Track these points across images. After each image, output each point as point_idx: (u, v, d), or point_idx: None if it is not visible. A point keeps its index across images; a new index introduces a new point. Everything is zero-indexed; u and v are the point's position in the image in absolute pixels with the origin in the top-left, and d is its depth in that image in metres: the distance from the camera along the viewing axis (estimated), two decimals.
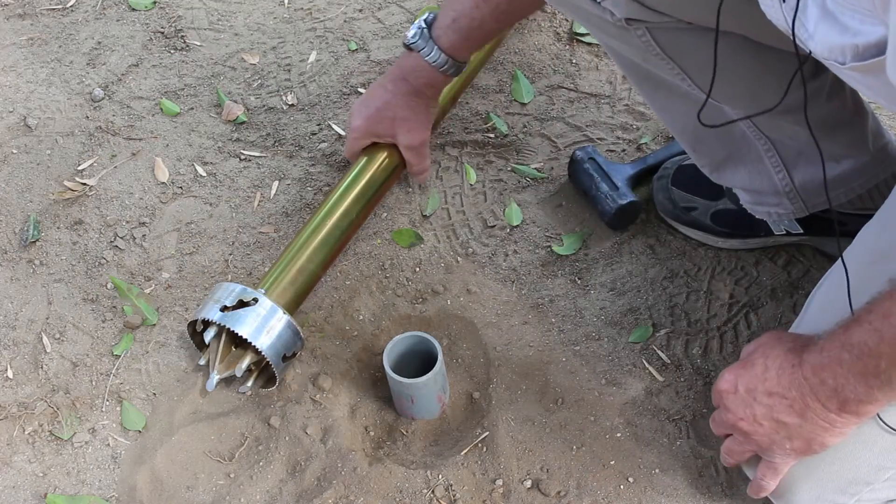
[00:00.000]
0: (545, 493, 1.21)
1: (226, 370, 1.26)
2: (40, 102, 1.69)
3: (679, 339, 1.34)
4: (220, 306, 1.24)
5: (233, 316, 1.23)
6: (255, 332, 1.22)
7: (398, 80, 1.35)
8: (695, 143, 1.32)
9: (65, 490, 1.26)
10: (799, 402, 0.94)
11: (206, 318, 1.25)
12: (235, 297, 1.25)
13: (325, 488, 1.22)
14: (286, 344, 1.25)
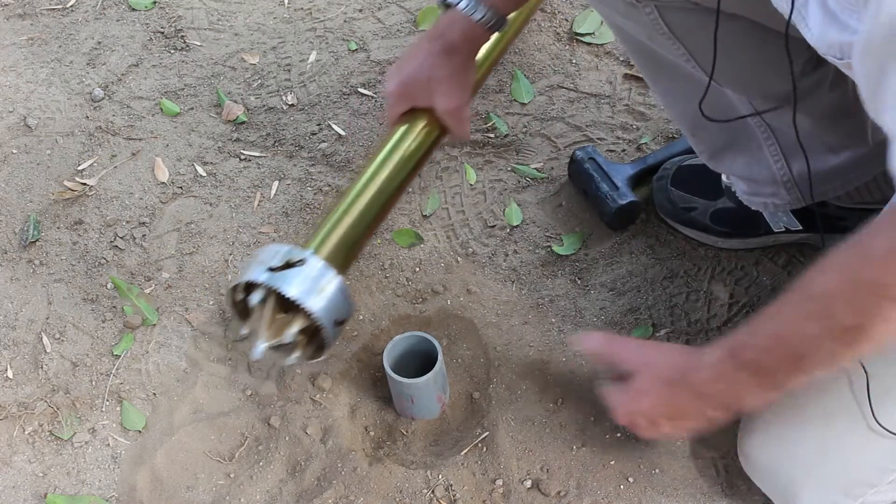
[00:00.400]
0: (545, 493, 1.21)
1: (273, 337, 1.13)
2: (40, 102, 1.69)
3: (679, 340, 1.34)
4: (266, 268, 1.11)
5: (281, 277, 1.10)
6: (305, 294, 1.10)
7: (434, 39, 1.24)
8: (694, 128, 1.31)
9: (65, 490, 1.26)
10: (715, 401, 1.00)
11: (252, 280, 1.11)
12: (283, 257, 1.12)
13: (325, 488, 1.22)
14: (338, 308, 1.13)
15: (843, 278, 0.81)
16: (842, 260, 0.82)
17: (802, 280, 0.86)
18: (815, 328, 0.85)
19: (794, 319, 0.86)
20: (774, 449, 1.08)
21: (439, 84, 1.23)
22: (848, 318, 0.82)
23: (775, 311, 0.89)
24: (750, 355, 0.91)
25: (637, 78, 1.66)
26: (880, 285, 0.78)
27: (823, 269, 0.84)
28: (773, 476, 1.10)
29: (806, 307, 0.85)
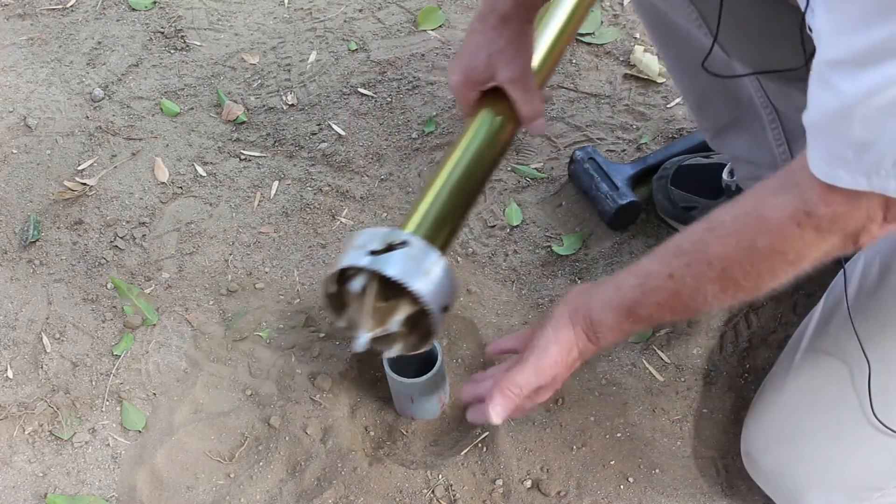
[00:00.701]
0: (545, 493, 1.21)
1: (377, 326, 1.04)
2: (40, 102, 1.69)
3: (679, 339, 1.34)
4: (367, 251, 1.01)
5: (383, 259, 1.00)
6: (412, 277, 1.00)
7: (486, 16, 1.17)
8: (701, 103, 1.31)
9: (65, 490, 1.26)
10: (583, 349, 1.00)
11: (353, 266, 1.01)
12: (382, 240, 1.02)
13: (325, 488, 1.22)
14: (445, 291, 1.03)
15: (740, 245, 0.83)
16: (737, 226, 0.84)
17: (690, 239, 0.88)
18: (714, 289, 0.87)
19: (693, 282, 0.88)
20: (779, 451, 1.08)
21: (498, 57, 1.15)
22: (747, 282, 0.85)
23: (668, 271, 0.90)
24: (645, 312, 0.93)
25: (637, 78, 1.66)
26: (778, 252, 0.81)
27: (717, 233, 0.85)
28: (777, 479, 1.09)
29: (705, 272, 0.87)
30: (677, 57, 1.28)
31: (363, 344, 1.04)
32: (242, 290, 1.43)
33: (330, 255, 1.46)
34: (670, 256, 0.90)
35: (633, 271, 0.94)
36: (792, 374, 1.10)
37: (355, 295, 1.03)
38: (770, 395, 1.12)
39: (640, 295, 0.92)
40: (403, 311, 1.03)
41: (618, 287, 0.95)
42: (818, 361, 1.08)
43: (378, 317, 1.04)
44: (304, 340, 1.37)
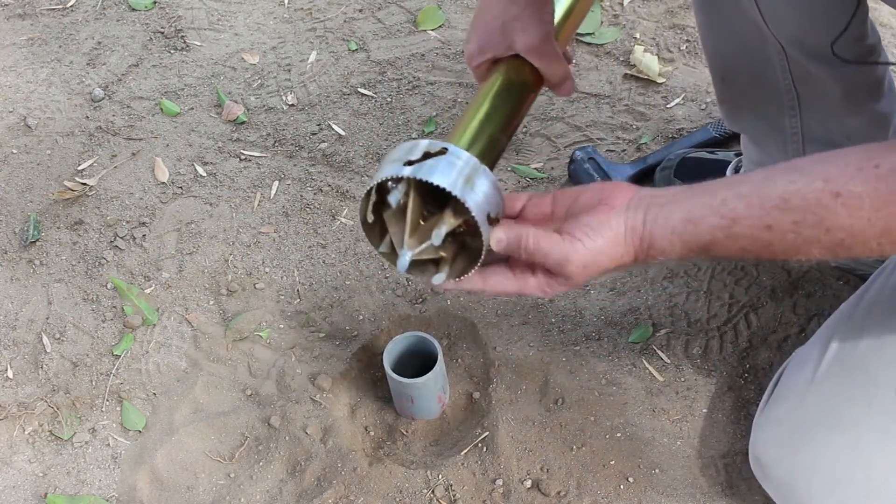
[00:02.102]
0: (545, 493, 1.21)
1: (418, 244, 0.94)
2: (40, 102, 1.69)
3: (679, 339, 1.34)
4: (404, 161, 0.92)
5: (423, 167, 0.91)
6: (454, 183, 0.91)
7: None
8: (725, 73, 1.29)
9: (65, 490, 1.26)
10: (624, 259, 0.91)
11: (391, 176, 0.92)
12: (421, 150, 0.94)
13: (325, 488, 1.22)
14: (490, 199, 0.93)
15: (875, 225, 0.78)
16: (876, 203, 0.78)
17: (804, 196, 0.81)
18: (821, 252, 0.82)
19: (798, 241, 0.82)
20: (794, 462, 1.06)
21: (514, 24, 1.08)
22: (865, 252, 0.80)
23: (767, 222, 0.83)
24: (722, 253, 0.87)
25: (637, 78, 1.66)
26: None
27: (846, 203, 0.79)
28: (789, 489, 1.07)
29: (818, 236, 0.81)
30: (714, 22, 1.25)
31: (405, 263, 0.93)
32: (242, 290, 1.43)
33: (330, 255, 1.46)
34: (771, 207, 0.82)
35: (714, 208, 0.85)
36: (813, 388, 1.08)
37: (394, 212, 0.95)
38: (787, 405, 1.10)
39: (722, 237, 0.85)
40: (447, 224, 0.93)
41: (693, 221, 0.86)
42: (842, 377, 1.06)
43: (421, 234, 0.94)
44: (304, 340, 1.37)
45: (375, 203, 0.95)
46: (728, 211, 0.84)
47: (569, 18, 1.14)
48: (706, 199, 0.86)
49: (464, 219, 0.92)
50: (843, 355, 1.08)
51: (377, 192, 0.94)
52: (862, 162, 0.79)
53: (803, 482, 1.05)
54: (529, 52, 1.08)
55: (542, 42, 1.07)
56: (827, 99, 1.20)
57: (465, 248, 0.96)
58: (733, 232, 0.84)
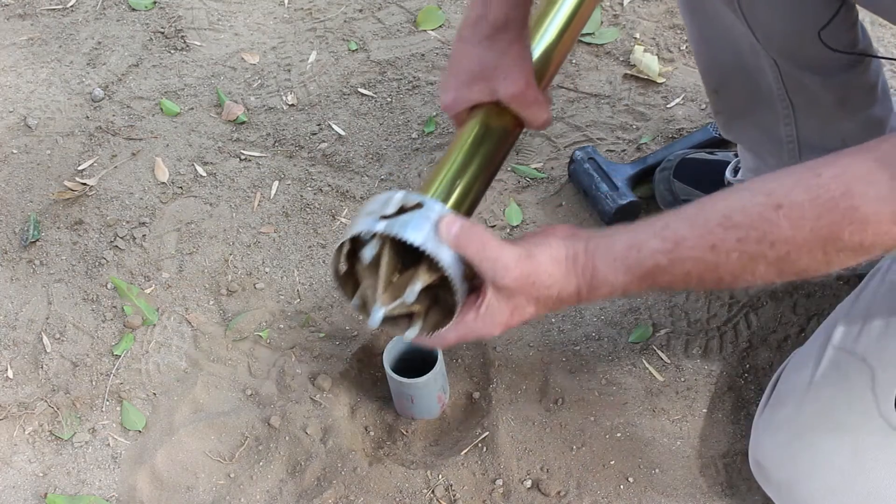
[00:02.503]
0: (545, 493, 1.21)
1: (392, 300, 0.92)
2: (40, 102, 1.69)
3: (679, 339, 1.34)
4: (379, 216, 0.90)
5: (397, 223, 0.89)
6: (428, 239, 0.88)
7: (476, 23, 1.05)
8: (719, 85, 1.29)
9: (65, 490, 1.26)
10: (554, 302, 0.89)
11: (364, 232, 0.90)
12: (396, 204, 0.91)
13: (325, 488, 1.22)
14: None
15: (818, 234, 0.76)
16: (817, 211, 0.76)
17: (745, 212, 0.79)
18: (768, 271, 0.80)
19: (743, 260, 0.80)
20: (795, 467, 1.06)
21: (495, 72, 1.04)
22: (812, 267, 0.78)
23: (710, 242, 0.80)
24: (666, 280, 0.83)
25: (637, 78, 1.66)
26: (866, 247, 0.75)
27: (788, 214, 0.77)
28: (790, 493, 1.08)
29: (763, 252, 0.78)
30: (704, 35, 1.26)
31: (377, 320, 0.92)
32: (242, 290, 1.43)
33: (330, 254, 1.47)
34: (714, 226, 0.80)
35: (657, 232, 0.83)
36: (812, 391, 1.08)
37: (368, 266, 0.93)
38: (787, 409, 1.10)
39: (665, 262, 0.82)
40: (421, 280, 0.91)
41: (635, 246, 0.83)
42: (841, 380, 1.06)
43: (394, 289, 0.93)
44: (304, 340, 1.37)
45: (348, 253, 0.93)
46: (670, 233, 0.82)
47: (551, 62, 1.11)
48: (649, 226, 0.84)
49: (438, 275, 0.90)
50: (841, 358, 1.08)
51: (351, 242, 0.92)
52: (804, 172, 0.78)
53: (804, 486, 1.05)
54: (513, 101, 1.05)
55: (524, 89, 1.04)
56: (821, 106, 1.20)
57: (438, 301, 0.94)
58: (676, 255, 0.82)
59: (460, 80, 1.06)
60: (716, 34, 1.22)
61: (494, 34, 1.04)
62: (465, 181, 1.01)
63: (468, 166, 1.02)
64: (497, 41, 1.04)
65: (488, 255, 0.86)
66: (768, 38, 1.14)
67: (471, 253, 0.87)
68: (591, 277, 0.85)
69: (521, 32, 1.05)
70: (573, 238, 0.87)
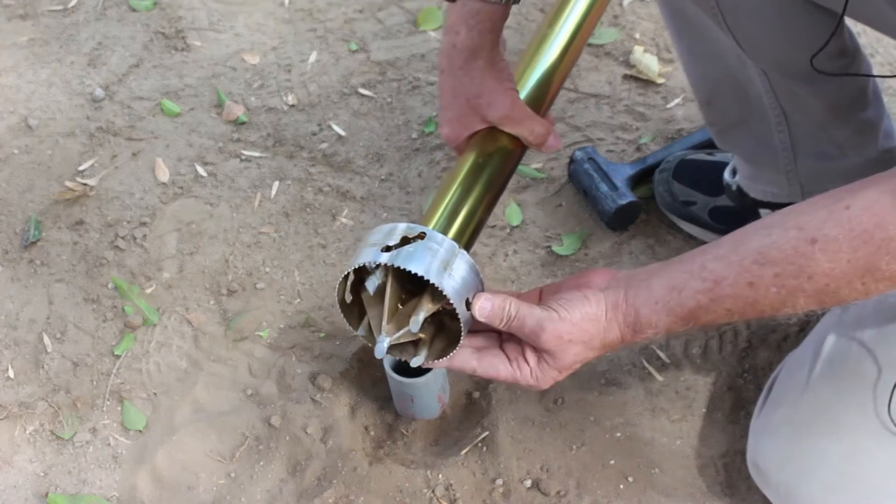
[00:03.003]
0: (545, 493, 1.21)
1: (396, 330, 0.94)
2: (41, 103, 1.69)
3: (679, 339, 1.34)
4: (382, 247, 0.92)
5: (401, 254, 0.91)
6: (431, 270, 0.91)
7: (449, 55, 1.06)
8: (710, 98, 1.30)
9: (66, 490, 1.26)
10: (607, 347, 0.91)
11: (368, 263, 0.92)
12: (399, 235, 0.94)
13: (325, 488, 1.22)
14: (469, 286, 0.93)
15: (856, 266, 0.78)
16: (853, 244, 0.78)
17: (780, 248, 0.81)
18: (808, 302, 0.81)
19: (782, 294, 0.81)
20: (793, 468, 1.07)
21: (478, 101, 1.06)
22: (852, 296, 0.80)
23: (748, 279, 0.82)
24: (709, 318, 0.86)
25: (637, 78, 1.66)
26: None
27: (823, 248, 0.79)
28: (788, 494, 1.08)
29: (801, 286, 0.80)
30: (691, 49, 1.26)
31: (383, 350, 0.93)
32: (243, 290, 1.43)
33: (330, 255, 1.47)
34: (750, 263, 0.82)
35: (694, 272, 0.85)
36: (808, 391, 1.08)
37: (373, 297, 0.95)
38: (783, 409, 1.10)
39: (706, 301, 0.84)
40: (425, 310, 0.93)
41: (676, 288, 0.86)
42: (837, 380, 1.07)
43: (399, 319, 0.95)
44: (304, 340, 1.37)
45: (354, 282, 0.96)
46: (708, 274, 0.84)
47: (551, 86, 1.12)
48: (685, 266, 0.87)
49: (442, 304, 0.92)
50: (836, 358, 1.08)
51: (355, 272, 0.94)
52: (831, 206, 0.80)
53: (802, 488, 1.05)
54: (503, 123, 1.06)
55: (511, 110, 1.05)
56: (813, 113, 1.21)
57: (443, 328, 0.97)
58: (717, 294, 0.84)
59: (451, 114, 1.08)
60: (703, 47, 1.23)
61: (467, 63, 1.04)
62: (466, 210, 1.02)
63: (469, 194, 1.03)
64: (472, 69, 1.05)
65: (520, 317, 0.90)
66: (755, 50, 1.15)
67: (507, 320, 0.90)
68: (633, 323, 0.88)
69: (492, 56, 1.05)
70: (611, 288, 0.89)
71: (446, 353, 0.95)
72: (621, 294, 0.88)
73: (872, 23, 1.04)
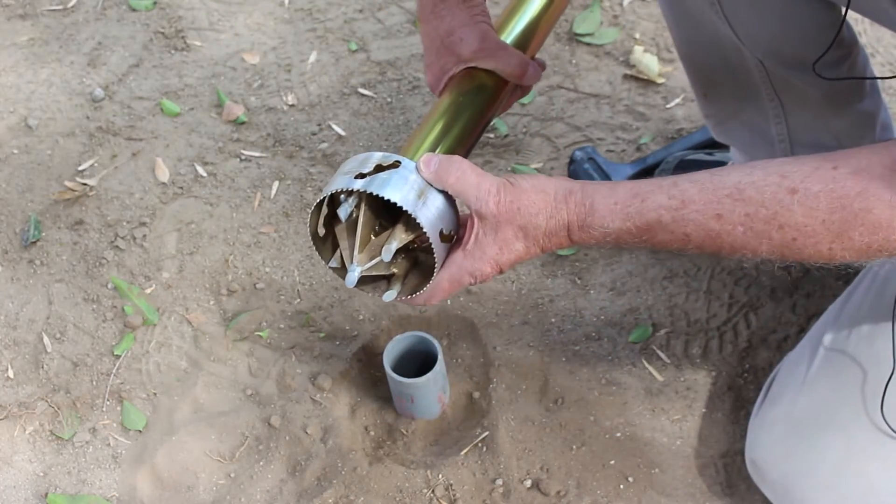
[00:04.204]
0: (545, 493, 1.21)
1: (369, 259, 0.91)
2: (41, 103, 1.69)
3: (679, 339, 1.34)
4: (355, 175, 0.89)
5: (375, 180, 0.88)
6: (405, 197, 0.87)
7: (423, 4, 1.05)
8: (708, 89, 1.30)
9: (65, 490, 1.26)
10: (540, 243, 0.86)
11: (340, 190, 0.89)
12: (374, 163, 0.90)
13: (325, 488, 1.22)
14: (444, 217, 0.89)
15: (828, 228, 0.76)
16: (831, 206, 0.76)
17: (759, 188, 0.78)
18: (769, 249, 0.79)
19: (747, 235, 0.79)
20: (790, 465, 1.07)
21: (451, 38, 1.02)
22: (814, 255, 0.78)
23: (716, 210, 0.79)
24: (664, 237, 0.82)
25: (637, 78, 1.66)
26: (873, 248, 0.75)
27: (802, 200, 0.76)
28: (786, 491, 1.08)
29: (769, 232, 0.78)
30: (688, 39, 1.26)
31: (354, 279, 0.89)
32: (242, 290, 1.43)
33: None
34: (724, 196, 0.79)
35: (664, 187, 0.81)
36: (805, 388, 1.09)
37: (346, 225, 0.92)
38: (781, 407, 1.10)
39: (668, 219, 0.80)
40: (398, 239, 0.89)
41: (640, 196, 0.82)
42: (834, 377, 1.07)
43: (371, 250, 0.91)
44: (304, 340, 1.37)
45: (327, 216, 0.92)
46: (678, 192, 0.81)
47: (536, 28, 1.08)
48: (656, 180, 0.83)
49: (416, 234, 0.89)
50: (833, 356, 1.08)
51: (328, 204, 0.91)
52: (820, 162, 0.78)
53: (799, 484, 1.05)
54: (476, 57, 1.02)
55: (482, 42, 1.01)
56: (810, 103, 1.21)
57: (417, 264, 0.94)
58: (681, 215, 0.80)
59: (430, 58, 1.05)
60: (700, 38, 1.23)
61: (439, 4, 1.03)
62: (444, 146, 0.97)
63: (447, 131, 0.99)
64: (443, 9, 1.02)
65: (469, 182, 0.85)
66: (752, 39, 1.14)
67: (451, 183, 0.85)
68: (585, 215, 0.83)
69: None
70: (568, 180, 0.85)
71: (419, 288, 0.91)
72: (578, 185, 0.84)
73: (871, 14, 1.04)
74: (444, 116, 0.99)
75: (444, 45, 1.03)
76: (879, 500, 1.03)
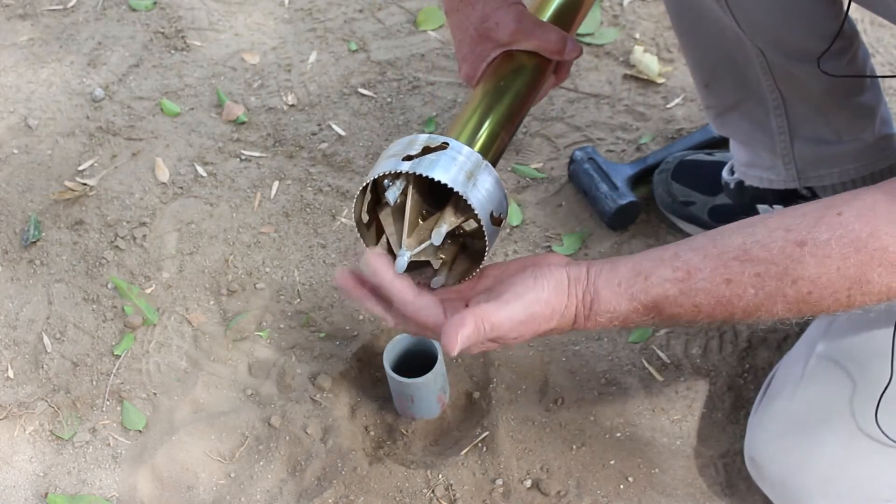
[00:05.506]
0: (545, 493, 1.21)
1: (418, 244, 0.88)
2: (41, 103, 1.69)
3: (679, 339, 1.34)
4: (403, 157, 0.86)
5: (422, 162, 0.85)
6: (455, 179, 0.84)
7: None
8: (709, 80, 1.29)
9: (65, 490, 1.26)
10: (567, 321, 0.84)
11: (388, 172, 0.86)
12: (420, 145, 0.88)
13: (325, 488, 1.22)
14: (494, 199, 0.87)
15: (844, 274, 0.74)
16: (844, 251, 0.74)
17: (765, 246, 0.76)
18: (786, 308, 0.77)
19: (760, 296, 0.77)
20: (787, 461, 1.07)
21: (485, 25, 0.99)
22: (833, 307, 0.76)
23: (725, 276, 0.77)
24: (673, 311, 0.79)
25: (637, 78, 1.66)
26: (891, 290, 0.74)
27: (812, 252, 0.75)
28: (783, 487, 1.08)
29: (783, 289, 0.76)
30: (690, 30, 1.26)
31: (403, 264, 0.86)
32: (242, 290, 1.43)
33: (330, 255, 1.47)
34: (730, 259, 0.77)
35: (665, 260, 0.79)
36: (803, 384, 1.09)
37: (392, 210, 0.89)
38: (778, 403, 1.11)
39: (675, 292, 0.78)
40: (448, 223, 0.87)
41: (642, 273, 0.80)
42: (831, 372, 1.07)
43: (420, 234, 0.88)
44: (304, 340, 1.37)
45: (371, 202, 0.90)
46: (681, 263, 0.79)
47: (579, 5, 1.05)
48: (656, 253, 0.81)
49: (466, 217, 0.87)
50: (830, 352, 1.08)
51: (373, 189, 0.89)
52: (822, 210, 0.76)
53: (797, 480, 1.06)
54: (515, 40, 0.99)
55: (518, 22, 0.98)
56: (810, 96, 1.21)
57: (465, 249, 0.91)
58: (688, 287, 0.78)
59: (465, 49, 1.02)
60: (702, 28, 1.22)
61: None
62: (489, 127, 0.95)
63: (491, 112, 0.97)
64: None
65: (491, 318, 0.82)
66: (754, 28, 1.14)
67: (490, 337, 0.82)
68: (591, 301, 0.82)
69: None
70: (574, 265, 0.84)
71: (467, 275, 0.89)
72: (583, 269, 0.82)
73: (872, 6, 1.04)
74: (486, 99, 0.97)
75: (478, 33, 1.00)
76: (877, 493, 1.03)
